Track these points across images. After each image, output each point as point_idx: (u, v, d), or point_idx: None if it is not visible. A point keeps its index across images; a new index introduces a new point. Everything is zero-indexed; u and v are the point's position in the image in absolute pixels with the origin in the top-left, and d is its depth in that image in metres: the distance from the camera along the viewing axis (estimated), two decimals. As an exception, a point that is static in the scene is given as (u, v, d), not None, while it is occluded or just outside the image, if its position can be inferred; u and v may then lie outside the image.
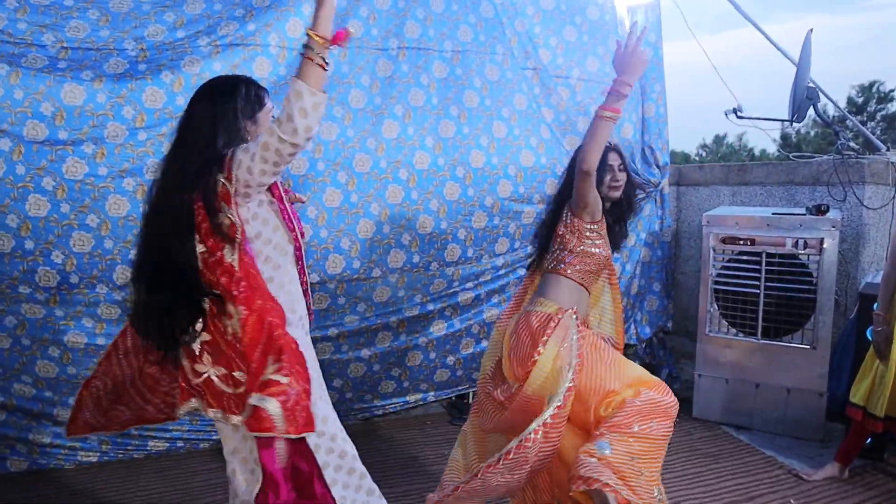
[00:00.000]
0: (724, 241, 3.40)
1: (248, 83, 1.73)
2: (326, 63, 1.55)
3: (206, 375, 1.67)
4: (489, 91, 3.45)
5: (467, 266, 3.49)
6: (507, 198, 3.51)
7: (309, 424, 1.57)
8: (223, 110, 1.65)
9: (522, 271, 3.68)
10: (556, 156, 3.64)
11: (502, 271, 3.61)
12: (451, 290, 3.48)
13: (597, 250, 2.13)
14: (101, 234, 2.73)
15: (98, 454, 2.93)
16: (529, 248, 3.67)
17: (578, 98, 3.73)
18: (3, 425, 2.80)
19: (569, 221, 2.13)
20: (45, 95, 2.60)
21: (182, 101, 2.73)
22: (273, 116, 1.72)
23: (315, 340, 2.88)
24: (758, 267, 3.31)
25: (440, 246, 3.40)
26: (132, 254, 2.72)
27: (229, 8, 2.93)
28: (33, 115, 2.59)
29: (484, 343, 3.52)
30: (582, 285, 2.15)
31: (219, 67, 2.82)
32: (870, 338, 2.94)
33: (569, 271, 2.12)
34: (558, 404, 1.80)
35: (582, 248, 2.12)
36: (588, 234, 2.12)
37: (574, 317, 2.04)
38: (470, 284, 3.52)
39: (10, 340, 2.72)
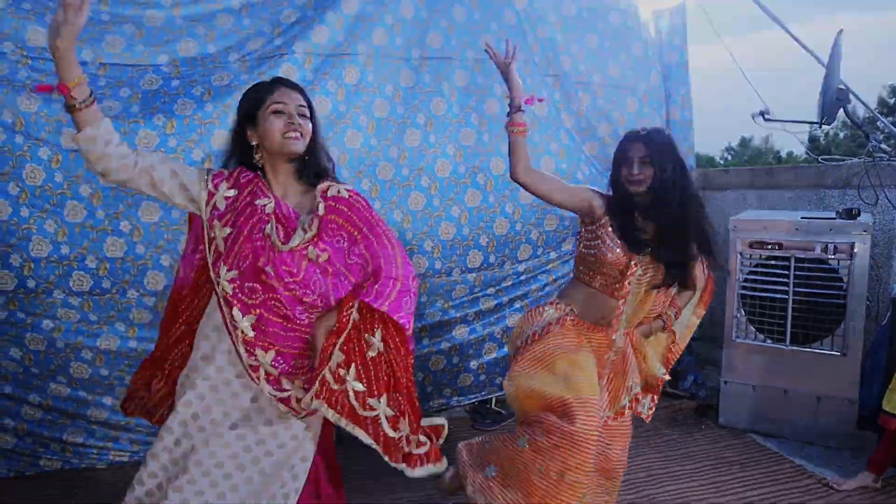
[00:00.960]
0: (751, 245, 3.35)
1: (251, 88, 1.71)
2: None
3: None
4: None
5: (489, 272, 3.50)
6: (529, 204, 3.50)
7: None
8: (234, 124, 1.72)
9: (545, 277, 3.68)
10: (576, 161, 3.63)
11: (524, 276, 3.61)
12: (473, 296, 3.49)
13: (592, 251, 2.07)
14: (134, 239, 2.80)
15: (129, 454, 2.99)
16: (552, 254, 3.68)
17: (599, 103, 3.73)
18: (38, 425, 2.87)
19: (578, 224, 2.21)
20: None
21: (210, 109, 2.81)
22: (279, 111, 1.63)
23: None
24: (786, 272, 3.26)
25: (462, 252, 3.40)
26: (162, 259, 2.82)
27: (258, 22, 2.97)
28: (69, 123, 2.65)
29: (506, 348, 3.52)
30: (591, 287, 2.12)
31: (245, 78, 2.85)
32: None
33: (576, 272, 2.20)
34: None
35: (580, 249, 2.15)
36: (585, 234, 2.13)
37: (565, 311, 2.12)
38: (491, 290, 3.53)
39: (45, 342, 2.80)
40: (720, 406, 3.47)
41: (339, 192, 1.69)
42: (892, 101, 25.98)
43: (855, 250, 3.10)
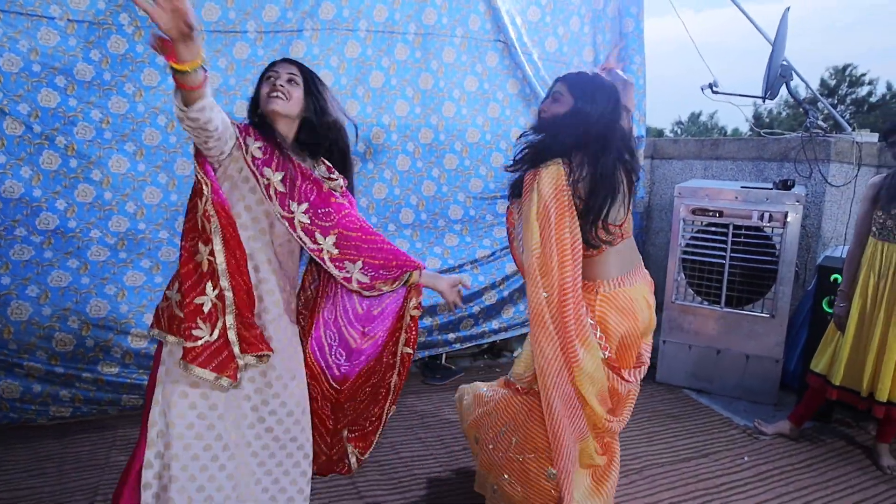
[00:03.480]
0: (693, 212, 3.51)
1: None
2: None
3: None
4: (490, 74, 3.68)
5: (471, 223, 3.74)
6: (500, 168, 3.66)
7: None
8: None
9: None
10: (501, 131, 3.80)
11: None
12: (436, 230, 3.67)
13: None
14: (168, 189, 3.05)
15: (71, 409, 2.94)
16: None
17: (541, 73, 3.81)
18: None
19: None
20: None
21: (234, 82, 3.12)
22: (271, 80, 1.76)
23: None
24: (724, 238, 3.44)
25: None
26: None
27: None
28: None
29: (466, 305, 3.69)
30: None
31: (261, 54, 3.15)
32: (828, 310, 3.11)
33: None
34: None
35: None
36: None
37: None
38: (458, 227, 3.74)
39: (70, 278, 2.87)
40: (658, 364, 3.66)
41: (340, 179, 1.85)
42: (832, 82, 27.02)
43: (788, 219, 3.29)
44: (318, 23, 3.25)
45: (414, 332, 1.92)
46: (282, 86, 1.72)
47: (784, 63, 3.69)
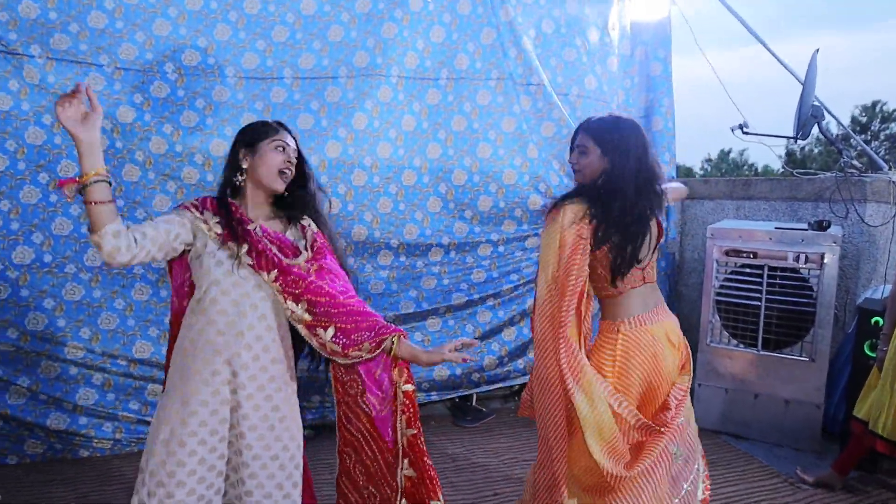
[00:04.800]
0: (727, 253, 3.48)
1: (259, 122, 1.83)
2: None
3: None
4: (525, 116, 3.70)
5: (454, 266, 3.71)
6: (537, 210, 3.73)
7: None
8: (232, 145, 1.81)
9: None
10: (540, 173, 3.78)
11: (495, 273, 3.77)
12: (444, 289, 3.65)
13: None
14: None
15: (112, 442, 3.01)
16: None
17: (578, 114, 3.85)
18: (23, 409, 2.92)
19: None
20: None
21: (211, 122, 3.15)
22: (281, 149, 1.76)
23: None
24: (759, 280, 3.39)
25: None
26: None
27: (251, 37, 3.24)
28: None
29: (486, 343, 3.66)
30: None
31: (241, 97, 3.24)
32: (870, 353, 3.02)
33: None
34: None
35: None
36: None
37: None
38: (464, 286, 3.71)
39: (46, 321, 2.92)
40: (693, 408, 3.57)
41: (314, 229, 1.86)
42: (864, 119, 26.66)
43: (825, 261, 3.23)
44: (352, 70, 3.38)
45: (412, 409, 1.73)
46: (290, 163, 1.75)
47: (815, 103, 3.68)
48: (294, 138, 1.81)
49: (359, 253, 3.47)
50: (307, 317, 1.69)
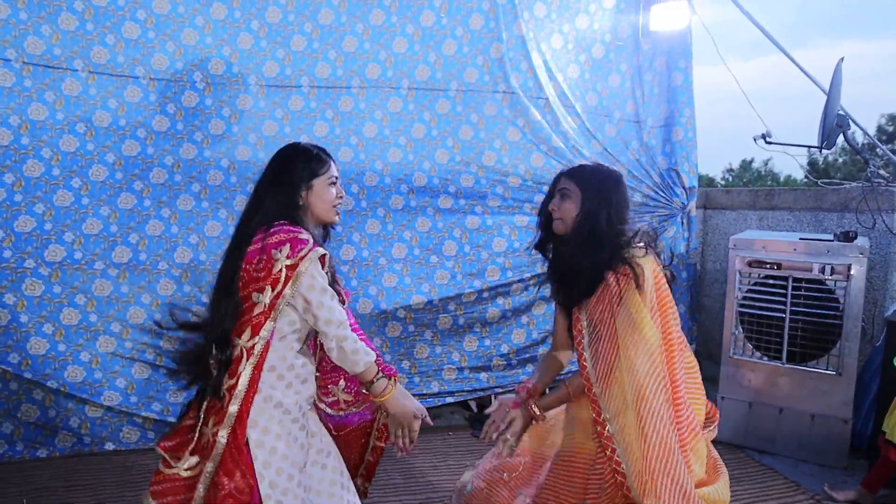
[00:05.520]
0: (750, 264, 3.42)
1: (313, 155, 1.75)
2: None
3: None
4: (485, 125, 3.74)
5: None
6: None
7: None
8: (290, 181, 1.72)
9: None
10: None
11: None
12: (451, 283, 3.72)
13: None
14: (170, 222, 3.24)
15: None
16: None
17: (586, 125, 3.90)
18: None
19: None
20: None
21: (237, 130, 3.33)
22: (334, 183, 1.76)
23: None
24: (784, 291, 3.32)
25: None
26: (191, 238, 3.23)
27: (272, 46, 3.32)
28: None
29: (487, 340, 3.74)
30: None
31: (263, 105, 3.35)
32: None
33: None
34: None
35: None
36: None
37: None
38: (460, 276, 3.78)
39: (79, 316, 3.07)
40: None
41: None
42: (890, 128, 26.20)
43: (851, 272, 3.17)
44: (364, 81, 3.49)
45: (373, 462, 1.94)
46: (341, 197, 1.77)
47: (840, 112, 3.62)
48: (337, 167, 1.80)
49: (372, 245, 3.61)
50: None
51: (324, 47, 3.40)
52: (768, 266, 3.37)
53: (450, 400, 3.69)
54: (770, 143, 3.98)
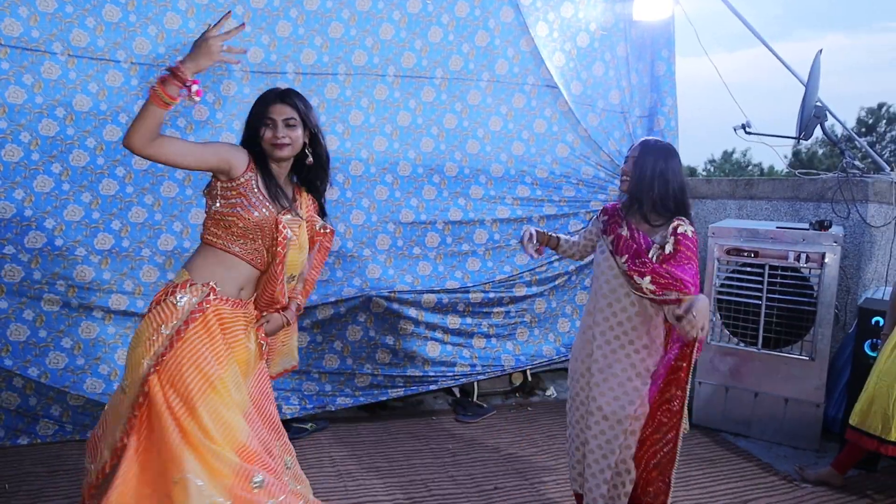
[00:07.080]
0: (728, 252, 3.49)
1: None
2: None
3: None
4: (468, 113, 3.74)
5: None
6: (479, 199, 3.78)
7: None
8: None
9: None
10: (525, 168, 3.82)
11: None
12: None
13: (236, 210, 1.81)
14: (154, 209, 3.20)
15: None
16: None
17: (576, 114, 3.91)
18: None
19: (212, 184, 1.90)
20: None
21: (220, 116, 3.27)
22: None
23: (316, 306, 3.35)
24: (760, 279, 3.40)
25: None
26: (174, 225, 3.22)
27: (256, 31, 3.30)
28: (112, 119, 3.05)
29: (468, 319, 3.77)
30: (236, 256, 1.84)
31: (247, 92, 3.31)
32: (871, 354, 3.03)
33: (209, 237, 1.86)
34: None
35: (216, 208, 1.85)
36: (222, 192, 1.86)
37: (201, 294, 1.76)
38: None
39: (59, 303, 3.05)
40: (693, 406, 3.60)
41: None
42: (870, 121, 26.58)
43: (826, 260, 3.25)
44: (350, 68, 3.47)
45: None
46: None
47: (818, 104, 3.69)
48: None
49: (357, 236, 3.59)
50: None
51: (309, 33, 3.38)
52: (746, 254, 3.44)
53: (433, 387, 3.70)
54: (750, 133, 4.05)
